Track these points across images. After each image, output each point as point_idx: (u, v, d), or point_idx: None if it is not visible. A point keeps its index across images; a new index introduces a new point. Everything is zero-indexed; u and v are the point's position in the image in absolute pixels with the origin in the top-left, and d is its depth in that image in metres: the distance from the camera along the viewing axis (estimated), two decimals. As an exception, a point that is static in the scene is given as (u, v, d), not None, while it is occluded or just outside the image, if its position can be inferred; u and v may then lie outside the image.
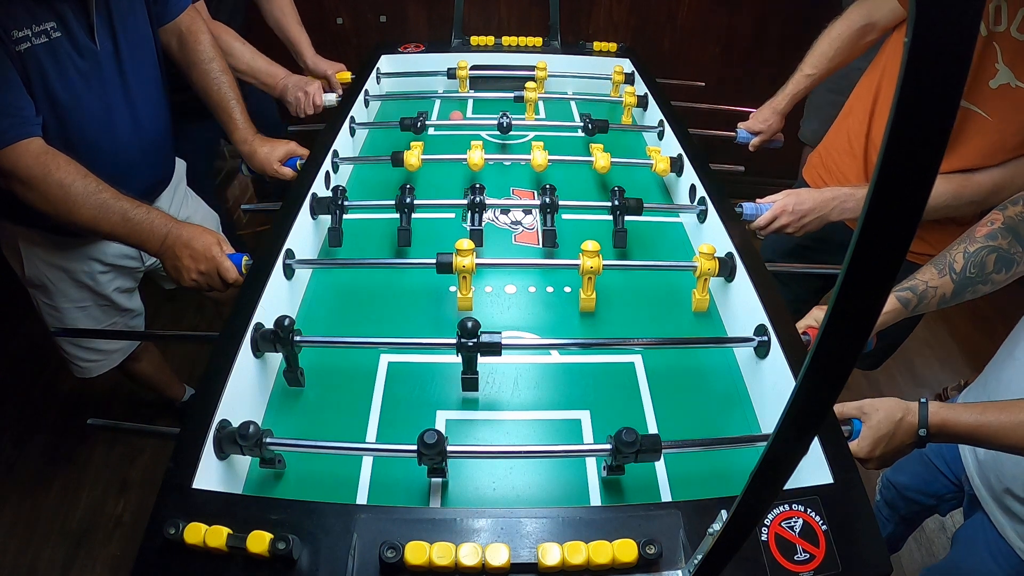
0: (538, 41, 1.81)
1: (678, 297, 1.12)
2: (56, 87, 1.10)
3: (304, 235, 1.14)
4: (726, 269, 1.06)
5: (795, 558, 0.65)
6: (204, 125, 1.57)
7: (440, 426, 0.89)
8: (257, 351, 0.89)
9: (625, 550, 0.62)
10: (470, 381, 0.90)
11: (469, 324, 0.86)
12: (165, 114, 1.36)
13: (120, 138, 1.23)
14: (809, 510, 0.69)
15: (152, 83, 1.30)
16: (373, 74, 1.71)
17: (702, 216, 1.21)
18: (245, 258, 1.11)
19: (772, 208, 1.22)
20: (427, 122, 1.45)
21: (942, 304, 1.01)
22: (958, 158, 1.17)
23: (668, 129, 1.47)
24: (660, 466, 0.84)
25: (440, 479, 0.80)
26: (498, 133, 1.46)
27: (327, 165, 1.29)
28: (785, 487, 0.47)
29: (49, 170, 1.06)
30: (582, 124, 1.47)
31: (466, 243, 1.01)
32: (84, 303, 1.44)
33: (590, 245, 1.01)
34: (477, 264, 1.01)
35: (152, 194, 1.40)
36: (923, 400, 0.86)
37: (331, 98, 1.63)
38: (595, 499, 0.81)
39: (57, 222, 1.10)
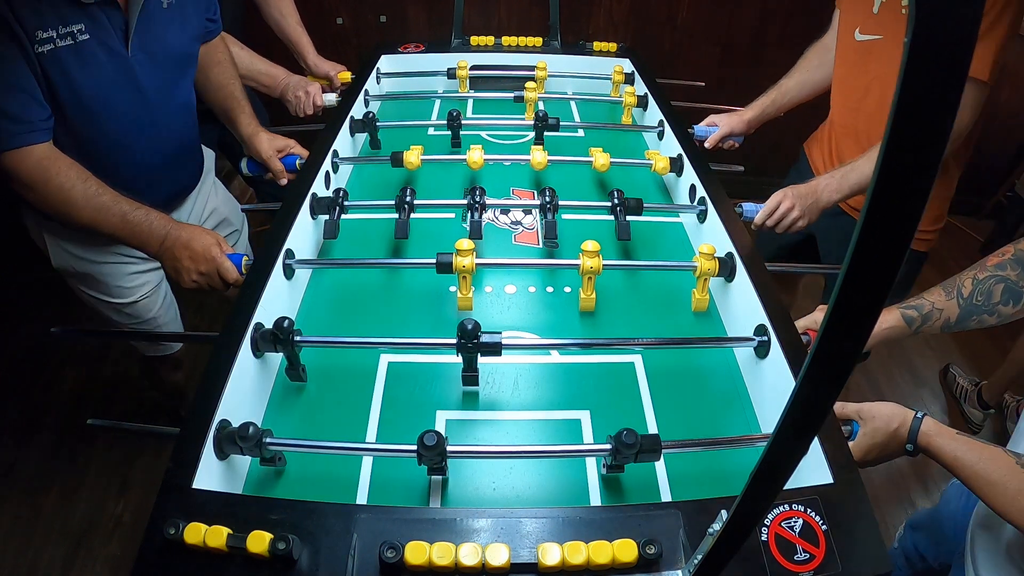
0: (538, 41, 1.81)
1: (678, 297, 1.12)
2: (80, 89, 1.09)
3: (304, 235, 1.14)
4: (726, 269, 1.06)
5: (795, 558, 0.65)
6: (208, 125, 1.58)
7: (440, 426, 0.89)
8: (257, 351, 0.89)
9: (625, 550, 0.62)
10: (470, 377, 0.91)
11: (469, 325, 0.86)
12: (193, 126, 1.36)
13: (146, 145, 1.23)
14: (809, 510, 0.69)
15: (186, 94, 1.31)
16: (373, 74, 1.71)
17: (702, 216, 1.21)
18: (245, 258, 1.11)
19: (774, 196, 1.24)
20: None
21: (946, 328, 1.01)
22: (879, 88, 1.29)
23: (668, 129, 1.47)
24: (660, 466, 0.84)
25: (440, 476, 0.80)
26: (494, 133, 1.46)
27: (327, 165, 1.29)
28: (785, 487, 0.47)
29: (50, 175, 1.06)
30: (532, 123, 1.44)
31: (466, 243, 1.01)
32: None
33: (590, 245, 1.01)
34: (477, 264, 1.01)
35: (177, 200, 1.41)
36: (920, 415, 0.86)
37: (331, 98, 1.63)
38: (595, 499, 0.81)
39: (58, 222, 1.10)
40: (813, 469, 0.75)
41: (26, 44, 1.01)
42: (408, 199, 1.17)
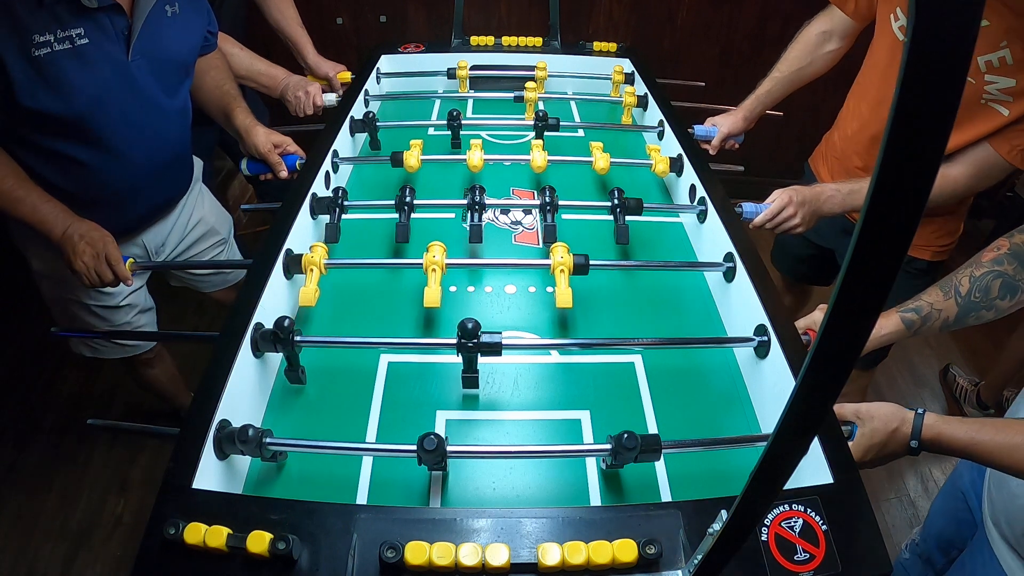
0: (538, 41, 1.81)
1: (678, 297, 1.12)
2: (77, 93, 1.10)
3: (304, 235, 1.14)
4: (582, 266, 1.02)
5: (795, 558, 0.65)
6: (204, 128, 1.58)
7: (440, 426, 0.89)
8: (257, 351, 0.89)
9: (625, 550, 0.62)
10: (470, 379, 0.90)
11: (469, 325, 0.86)
12: (187, 135, 1.37)
13: (140, 151, 1.25)
14: (809, 510, 0.69)
15: (182, 102, 1.32)
16: (373, 74, 1.71)
17: (702, 216, 1.21)
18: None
19: (778, 200, 1.23)
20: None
21: (945, 328, 1.01)
22: None
23: (668, 129, 1.47)
24: (660, 466, 0.84)
25: (440, 472, 0.81)
26: (494, 133, 1.45)
27: (327, 165, 1.29)
28: (785, 487, 0.47)
29: None
30: (532, 123, 1.44)
31: (321, 246, 1.03)
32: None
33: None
34: (477, 264, 1.01)
35: (165, 208, 1.42)
36: (920, 411, 0.86)
37: (331, 98, 1.63)
38: (595, 499, 0.81)
39: None
40: (813, 469, 0.75)
41: (23, 46, 1.01)
42: (408, 199, 1.17)
